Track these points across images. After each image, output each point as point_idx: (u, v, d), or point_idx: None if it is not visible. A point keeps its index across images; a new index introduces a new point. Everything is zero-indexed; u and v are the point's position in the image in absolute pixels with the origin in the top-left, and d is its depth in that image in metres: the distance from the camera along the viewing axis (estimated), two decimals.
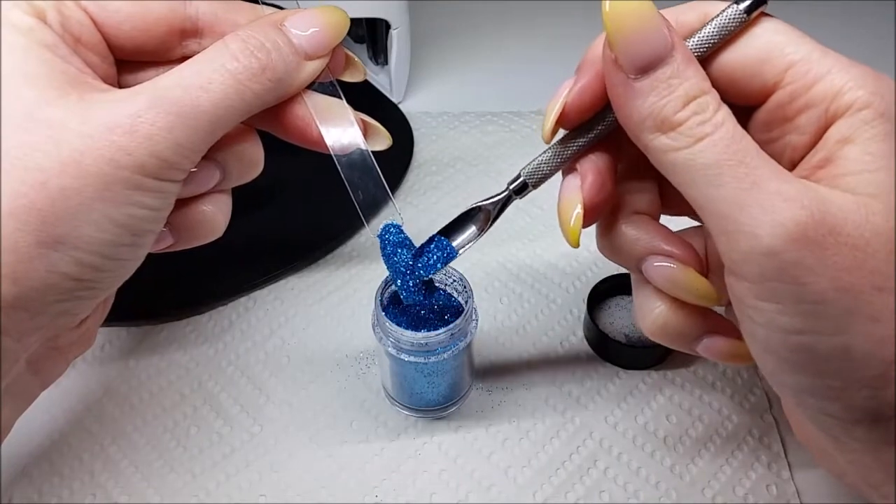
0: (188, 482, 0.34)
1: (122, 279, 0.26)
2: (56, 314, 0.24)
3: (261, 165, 0.29)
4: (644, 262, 0.26)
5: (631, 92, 0.22)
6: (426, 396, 0.35)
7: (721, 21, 0.23)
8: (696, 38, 0.23)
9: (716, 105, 0.22)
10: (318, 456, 0.35)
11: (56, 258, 0.22)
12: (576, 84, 0.25)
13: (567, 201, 0.26)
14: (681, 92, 0.21)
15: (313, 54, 0.26)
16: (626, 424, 0.36)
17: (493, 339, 0.40)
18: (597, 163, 0.26)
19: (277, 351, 0.40)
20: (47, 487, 0.34)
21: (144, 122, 0.22)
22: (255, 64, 0.24)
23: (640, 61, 0.21)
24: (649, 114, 0.22)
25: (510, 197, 0.28)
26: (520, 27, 0.66)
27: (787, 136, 0.24)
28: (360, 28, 0.56)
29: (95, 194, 0.22)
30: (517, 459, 0.35)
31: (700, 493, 0.33)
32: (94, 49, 0.25)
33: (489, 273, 0.44)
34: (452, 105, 0.57)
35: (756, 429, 0.36)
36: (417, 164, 0.51)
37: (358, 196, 0.29)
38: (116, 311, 0.30)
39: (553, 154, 0.27)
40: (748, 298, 0.22)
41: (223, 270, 0.43)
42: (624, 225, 0.27)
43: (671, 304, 0.26)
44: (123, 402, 0.37)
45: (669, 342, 0.27)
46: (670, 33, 0.22)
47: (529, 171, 0.27)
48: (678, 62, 0.21)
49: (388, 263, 0.31)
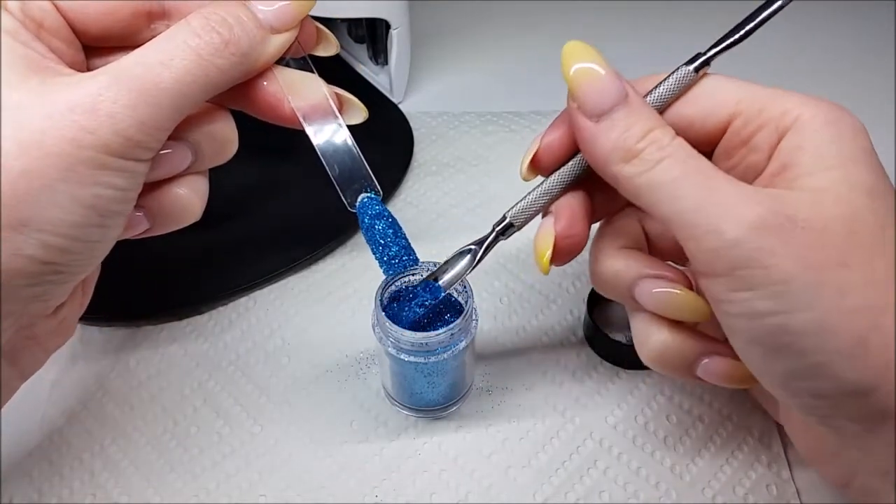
0: (188, 482, 0.34)
1: (93, 263, 0.26)
2: (27, 299, 0.24)
3: (234, 145, 0.28)
4: (636, 289, 0.27)
5: (595, 131, 0.25)
6: (426, 396, 0.35)
7: (674, 78, 0.27)
8: (655, 94, 0.27)
9: (671, 135, 0.25)
10: (318, 456, 0.35)
11: (21, 241, 0.22)
12: (548, 133, 0.28)
13: (541, 238, 0.29)
14: (638, 127, 0.24)
15: (280, 27, 0.26)
16: (626, 424, 0.36)
17: (493, 339, 0.40)
18: (571, 204, 0.29)
19: (277, 351, 0.40)
20: (47, 487, 0.34)
21: (106, 100, 0.22)
22: (216, 39, 0.24)
23: (599, 107, 0.25)
24: (613, 147, 0.25)
25: (496, 238, 0.30)
26: (520, 27, 0.66)
27: (747, 157, 0.26)
28: (360, 28, 0.56)
29: (59, 175, 0.22)
30: (517, 459, 0.35)
31: (700, 493, 0.33)
32: (57, 34, 0.25)
33: (489, 273, 0.44)
34: (452, 105, 0.57)
35: (756, 429, 0.36)
36: (417, 164, 0.51)
37: (334, 170, 0.29)
38: (117, 311, 0.30)
39: (535, 196, 0.29)
40: (723, 293, 0.24)
41: (224, 270, 0.42)
42: (613, 258, 0.28)
43: (669, 328, 0.27)
44: (123, 402, 0.37)
45: (669, 369, 0.28)
46: (623, 83, 0.25)
47: (514, 214, 0.30)
48: (633, 104, 0.25)
49: (367, 235, 0.31)
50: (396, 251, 0.31)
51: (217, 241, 0.29)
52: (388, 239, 0.31)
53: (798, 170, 0.24)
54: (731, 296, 0.23)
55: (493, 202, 0.47)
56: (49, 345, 0.28)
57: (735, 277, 0.23)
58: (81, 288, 0.28)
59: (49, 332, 0.28)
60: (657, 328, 0.28)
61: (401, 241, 0.31)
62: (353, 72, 0.58)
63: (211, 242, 0.43)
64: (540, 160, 0.29)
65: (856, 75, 0.59)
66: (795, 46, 0.62)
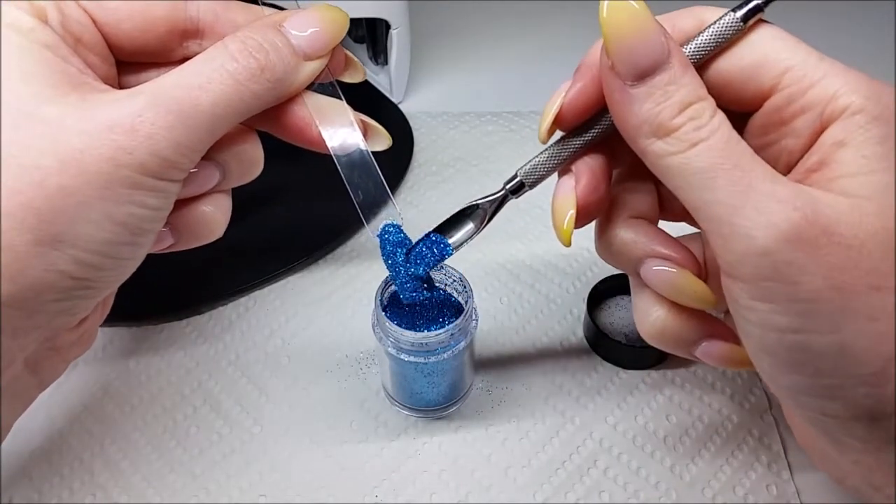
0: (188, 482, 0.34)
1: (121, 279, 0.26)
2: (54, 313, 0.24)
3: (261, 166, 0.29)
4: (642, 266, 0.26)
5: (628, 98, 0.22)
6: (426, 396, 0.35)
7: (718, 28, 0.23)
8: (693, 45, 0.23)
9: (711, 111, 0.22)
10: (318, 456, 0.35)
11: (54, 257, 0.22)
12: (573, 86, 0.25)
13: (561, 202, 0.26)
14: (677, 98, 0.22)
15: (312, 54, 0.26)
16: (626, 424, 0.36)
17: (493, 339, 0.40)
18: (592, 165, 0.26)
19: (277, 351, 0.40)
20: (47, 487, 0.34)
21: (145, 121, 0.22)
22: (253, 64, 0.24)
23: (637, 68, 0.22)
24: (646, 119, 0.22)
25: (506, 196, 0.28)
26: (520, 27, 0.66)
27: (783, 139, 0.24)
28: (360, 28, 0.56)
29: (95, 193, 0.22)
30: (517, 459, 0.35)
31: (700, 493, 0.33)
32: (94, 49, 0.25)
33: (489, 273, 0.44)
34: (452, 105, 0.57)
35: (756, 429, 0.36)
36: (417, 164, 0.51)
37: (358, 196, 0.29)
38: (116, 311, 0.30)
39: (550, 155, 0.27)
40: (743, 299, 0.22)
41: (223, 270, 0.43)
42: (622, 228, 0.27)
43: (669, 308, 0.26)
44: (124, 403, 0.37)
45: (668, 347, 0.27)
46: (667, 40, 0.22)
47: (526, 172, 0.27)
48: (675, 69, 0.22)
49: (388, 263, 0.31)
50: (416, 279, 0.31)
51: (217, 242, 0.29)
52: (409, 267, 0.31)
53: (839, 169, 0.22)
54: (752, 303, 0.22)
55: None
56: (69, 355, 0.28)
57: (759, 287, 0.21)
58: (103, 300, 0.28)
59: (70, 342, 0.28)
60: (658, 306, 0.27)
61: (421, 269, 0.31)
62: None
63: (211, 243, 0.43)
64: (563, 118, 0.26)
65: None
66: None
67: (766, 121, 0.24)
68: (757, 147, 0.23)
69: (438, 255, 0.30)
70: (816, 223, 0.20)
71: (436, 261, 0.30)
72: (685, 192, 0.22)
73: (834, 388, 0.22)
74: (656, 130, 0.22)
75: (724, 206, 0.21)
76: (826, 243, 0.20)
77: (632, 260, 0.27)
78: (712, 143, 0.21)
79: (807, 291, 0.21)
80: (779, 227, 0.20)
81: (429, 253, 0.30)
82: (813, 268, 0.20)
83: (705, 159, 0.21)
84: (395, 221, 0.30)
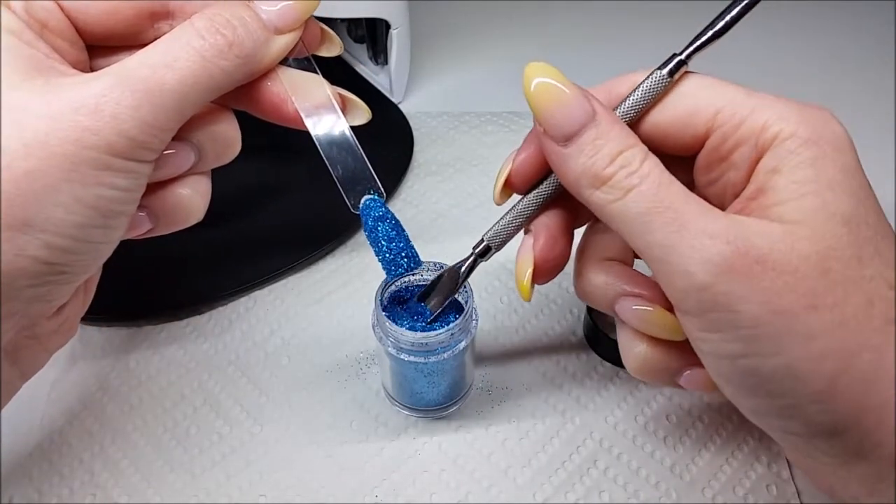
0: (188, 482, 0.34)
1: (96, 264, 0.26)
2: (29, 299, 0.24)
3: (238, 145, 0.28)
4: (616, 305, 0.28)
5: (562, 157, 0.24)
6: (426, 396, 0.35)
7: (647, 85, 0.25)
8: (626, 104, 0.26)
9: (641, 156, 0.23)
10: (318, 456, 0.35)
11: (24, 241, 0.22)
12: (520, 154, 0.28)
13: (521, 261, 0.28)
14: (606, 150, 0.23)
15: (283, 28, 0.26)
16: (626, 424, 0.36)
17: (493, 339, 0.40)
18: (548, 224, 0.28)
19: (277, 351, 0.40)
20: (47, 487, 0.34)
21: (109, 101, 0.22)
22: (220, 41, 0.24)
23: (563, 132, 0.24)
24: (582, 172, 0.24)
25: (476, 260, 0.30)
26: (520, 27, 0.66)
27: (726, 174, 0.25)
28: (360, 28, 0.56)
29: (62, 175, 0.22)
30: (517, 459, 0.35)
31: (700, 493, 0.33)
32: (61, 34, 0.25)
33: (489, 273, 0.44)
34: (452, 105, 0.57)
35: (756, 429, 0.35)
36: (417, 164, 0.51)
37: (337, 171, 0.29)
38: (116, 311, 0.30)
39: (511, 217, 0.29)
40: (694, 331, 0.24)
41: (223, 270, 0.43)
42: (594, 272, 0.28)
43: (649, 342, 0.28)
44: (123, 402, 0.37)
45: (652, 378, 0.29)
46: (590, 102, 0.24)
47: (490, 236, 0.30)
48: (602, 125, 0.24)
49: (370, 237, 0.31)
50: (399, 253, 0.31)
51: (217, 241, 0.29)
52: (391, 241, 0.31)
53: (773, 196, 0.23)
54: (702, 335, 0.23)
55: (492, 202, 0.47)
56: (51, 345, 0.28)
57: (705, 319, 0.23)
58: (84, 288, 0.28)
59: (51, 332, 0.28)
60: (638, 341, 0.28)
61: (403, 243, 0.31)
62: (353, 72, 0.58)
63: (211, 242, 0.43)
64: (513, 182, 0.28)
65: (855, 75, 0.59)
66: (795, 46, 0.61)
67: (709, 159, 0.26)
68: (705, 183, 0.25)
69: (422, 321, 0.32)
70: (748, 254, 0.22)
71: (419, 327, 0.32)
72: (628, 237, 0.24)
73: (789, 408, 0.23)
74: (593, 181, 0.24)
75: (662, 246, 0.23)
76: (760, 271, 0.21)
77: (607, 300, 0.28)
78: (644, 189, 0.23)
79: (747, 318, 0.22)
80: (713, 262, 0.22)
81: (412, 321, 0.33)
82: (750, 296, 0.21)
83: (641, 204, 0.23)
84: (375, 196, 0.30)
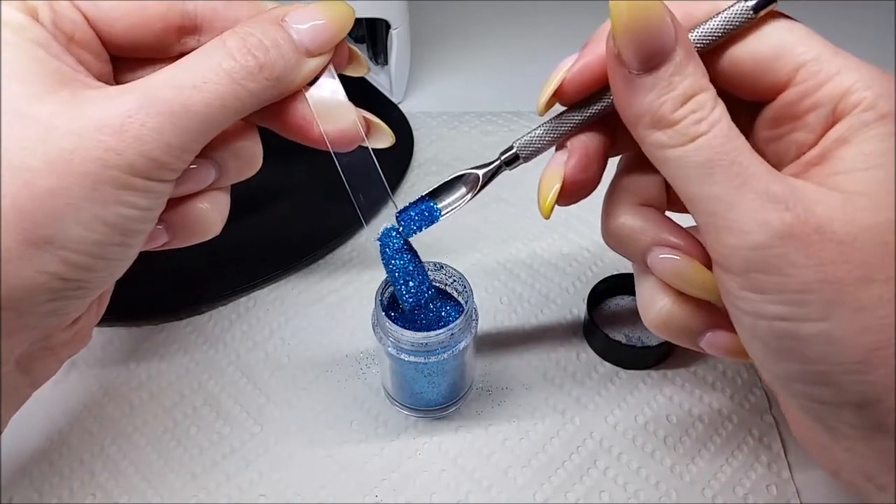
0: (188, 482, 0.34)
1: (112, 279, 0.25)
2: (46, 314, 0.24)
3: (259, 163, 0.28)
4: (649, 254, 0.26)
5: (631, 87, 0.22)
6: (426, 396, 0.35)
7: (727, 16, 0.23)
8: (700, 31, 0.23)
9: (713, 102, 0.22)
10: (318, 456, 0.35)
11: (44, 258, 0.22)
12: (577, 62, 0.25)
13: (549, 175, 0.26)
14: (680, 90, 0.22)
15: (315, 51, 0.25)
16: (626, 424, 0.36)
17: (493, 339, 0.40)
18: (587, 143, 0.26)
19: (277, 351, 0.40)
20: (47, 487, 0.34)
21: (134, 122, 0.22)
22: (251, 62, 0.24)
23: (642, 60, 0.22)
24: (647, 110, 0.22)
25: (500, 166, 0.28)
26: (520, 27, 0.66)
27: (794, 133, 0.24)
28: (360, 28, 0.56)
29: (84, 194, 0.22)
30: (517, 459, 0.35)
31: (700, 493, 0.33)
32: (87, 47, 0.25)
33: (489, 273, 0.44)
34: (452, 105, 0.57)
35: (756, 429, 0.36)
36: (417, 164, 0.51)
37: (358, 198, 0.28)
38: (116, 311, 0.30)
39: (547, 129, 0.27)
40: (734, 289, 0.23)
41: (223, 270, 0.43)
42: (629, 216, 0.27)
43: (675, 297, 0.26)
44: (123, 403, 0.37)
45: (672, 336, 0.27)
46: (675, 28, 0.21)
47: (522, 144, 0.27)
48: (680, 58, 0.22)
49: (388, 268, 0.31)
50: (415, 284, 0.31)
51: (217, 242, 0.29)
52: (409, 274, 0.31)
53: (837, 165, 0.22)
54: (743, 294, 0.22)
55: (493, 202, 0.48)
56: (63, 354, 0.28)
57: (749, 279, 0.22)
58: (98, 299, 0.28)
59: (65, 342, 0.27)
60: (664, 295, 0.26)
61: (421, 276, 0.31)
62: None
63: (211, 243, 0.43)
64: (564, 92, 0.26)
65: None
66: None
67: (779, 114, 0.24)
68: (767, 139, 0.24)
69: (428, 218, 0.29)
70: (808, 222, 0.21)
71: (425, 224, 0.30)
72: (681, 184, 0.22)
73: (822, 375, 0.22)
74: (657, 122, 0.22)
75: (720, 201, 0.21)
76: (818, 240, 0.21)
77: (638, 248, 0.26)
78: (711, 138, 0.22)
79: (797, 283, 0.21)
80: (772, 225, 0.21)
81: (418, 216, 0.30)
82: (804, 262, 0.21)
83: (704, 154, 0.22)
84: (395, 225, 0.30)
